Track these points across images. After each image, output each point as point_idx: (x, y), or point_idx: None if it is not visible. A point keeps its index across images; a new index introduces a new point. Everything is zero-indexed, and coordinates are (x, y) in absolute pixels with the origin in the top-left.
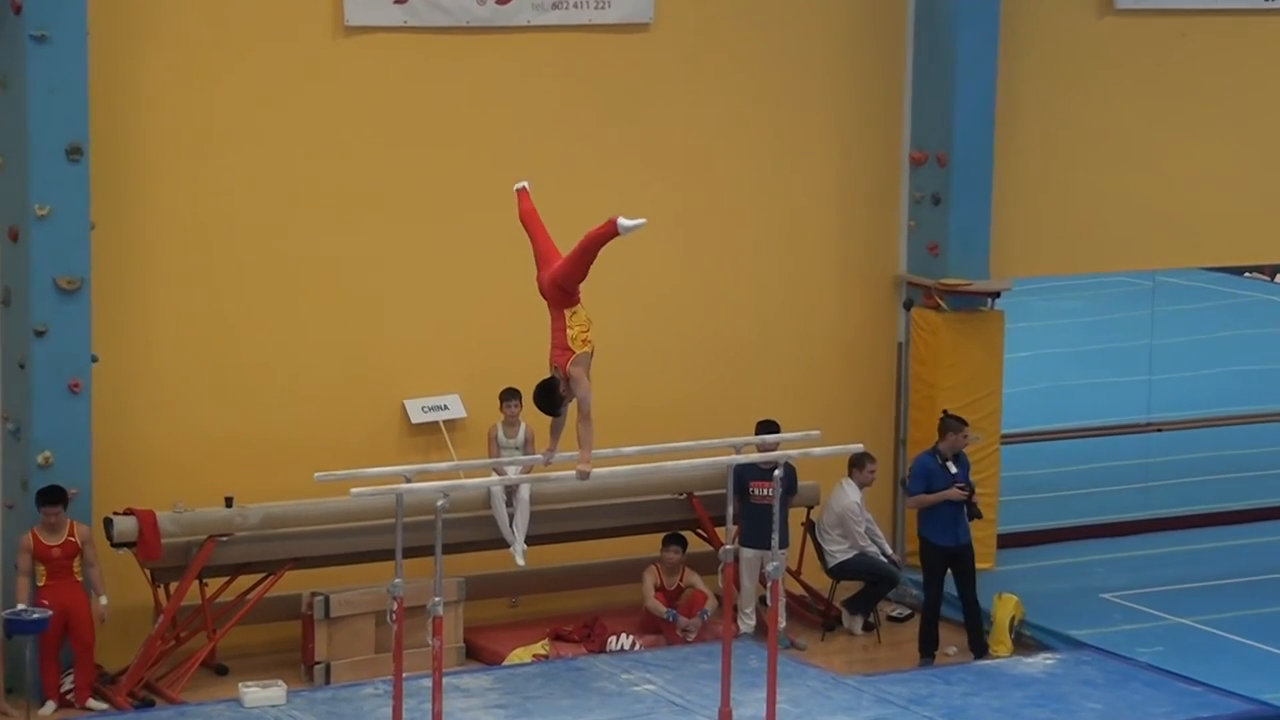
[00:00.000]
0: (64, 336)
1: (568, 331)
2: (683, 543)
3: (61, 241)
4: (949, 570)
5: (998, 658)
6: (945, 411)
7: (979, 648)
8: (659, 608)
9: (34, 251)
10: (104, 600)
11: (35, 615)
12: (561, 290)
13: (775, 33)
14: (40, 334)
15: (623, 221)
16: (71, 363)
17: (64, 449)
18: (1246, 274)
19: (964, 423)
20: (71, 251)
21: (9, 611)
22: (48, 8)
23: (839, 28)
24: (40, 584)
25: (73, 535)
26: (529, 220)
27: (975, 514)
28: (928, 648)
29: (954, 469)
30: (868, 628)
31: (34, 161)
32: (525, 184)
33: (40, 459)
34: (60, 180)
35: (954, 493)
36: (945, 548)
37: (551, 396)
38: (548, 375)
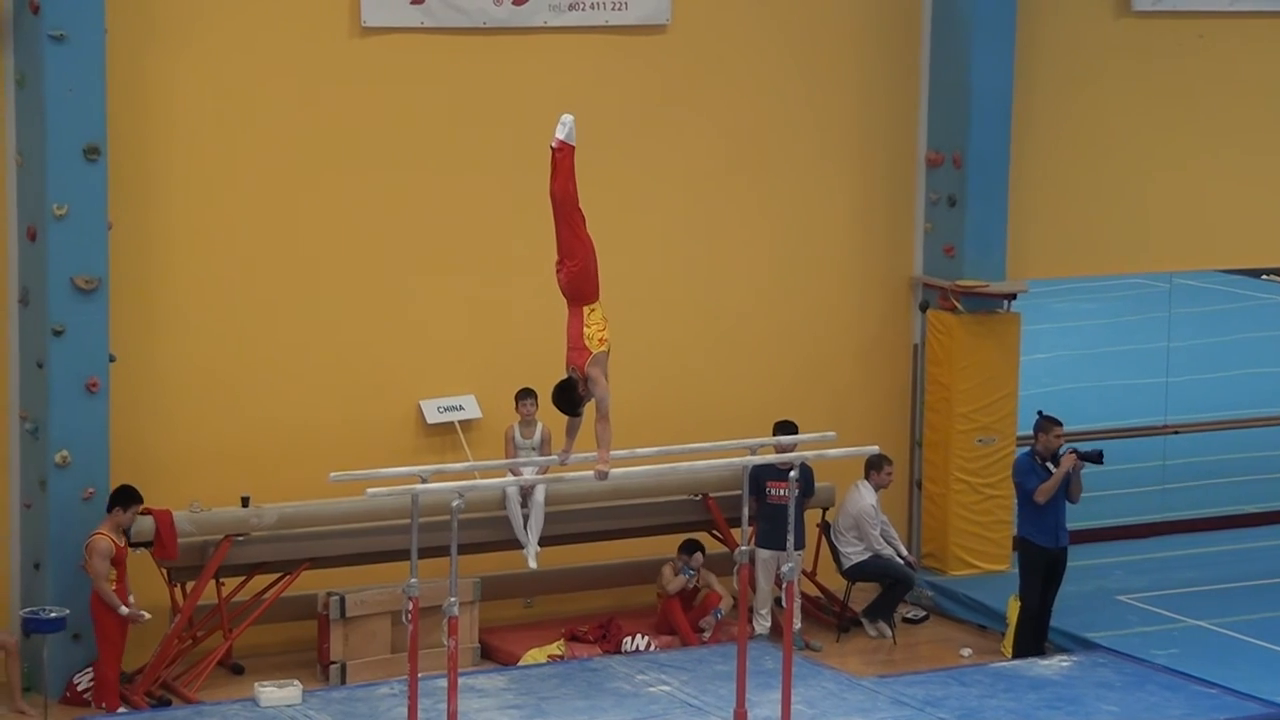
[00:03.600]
0: (82, 336)
1: (585, 330)
2: (700, 548)
3: (79, 241)
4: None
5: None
6: (1040, 412)
7: (1038, 651)
8: (673, 579)
9: (52, 251)
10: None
11: (53, 614)
12: (577, 277)
13: (792, 34)
14: (58, 333)
15: (557, 135)
16: (89, 362)
17: (82, 448)
18: (1264, 276)
19: (1057, 423)
20: (89, 251)
21: (26, 611)
22: (66, 8)
23: (855, 29)
24: (112, 587)
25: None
26: (562, 200)
27: (1096, 459)
28: (1030, 651)
29: (1053, 469)
30: (889, 631)
31: (52, 161)
32: (566, 132)
33: (58, 458)
34: (78, 180)
35: (1070, 459)
36: (1047, 549)
37: (570, 397)
38: (565, 376)
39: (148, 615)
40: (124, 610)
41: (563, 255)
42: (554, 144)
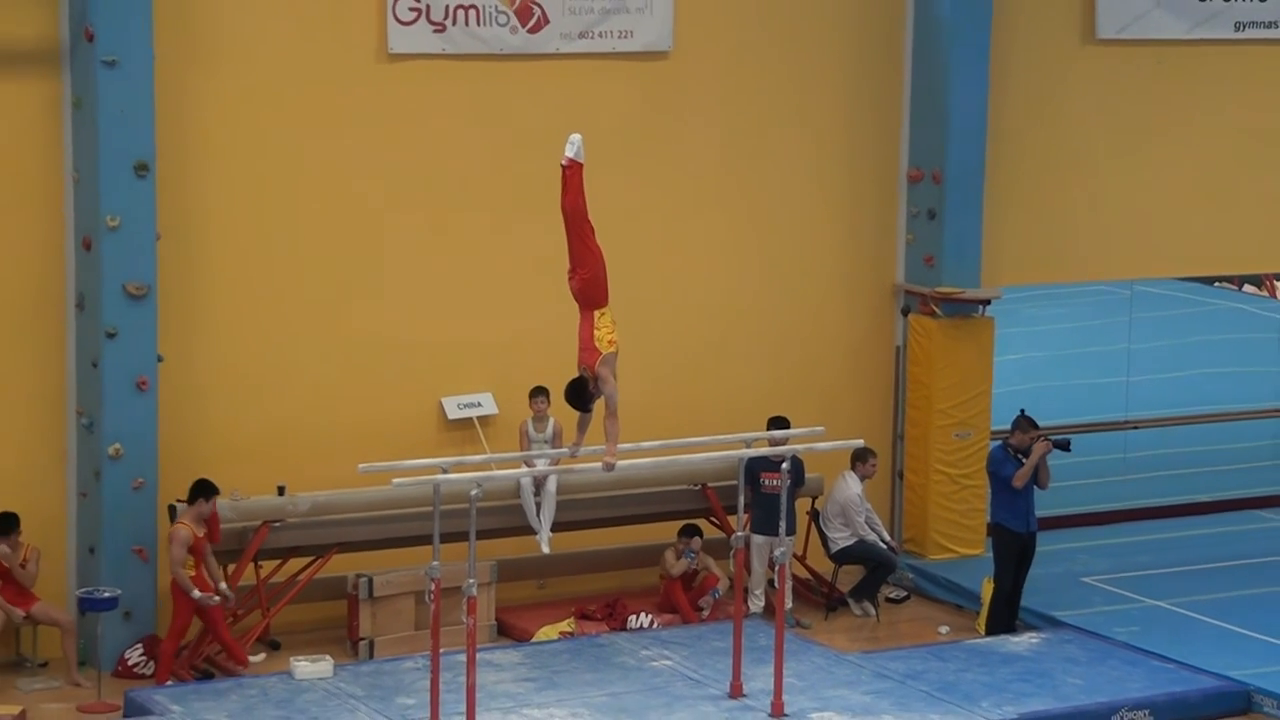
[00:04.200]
0: (132, 338)
1: (595, 332)
2: (698, 533)
3: (130, 251)
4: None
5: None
6: (1022, 411)
7: (1010, 629)
8: (675, 563)
9: (105, 260)
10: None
11: (106, 594)
12: (589, 284)
13: (784, 60)
14: (111, 336)
15: (567, 153)
16: (139, 362)
17: (133, 442)
18: (1216, 283)
19: (1035, 425)
20: (139, 260)
21: (82, 590)
22: (118, 35)
23: (843, 57)
24: (190, 575)
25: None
26: (572, 214)
27: (1065, 446)
28: (1002, 629)
29: (1024, 460)
30: (873, 611)
31: (104, 177)
32: (575, 151)
33: (111, 451)
34: (129, 194)
35: (1044, 445)
36: (1020, 534)
37: (581, 394)
38: (577, 375)
39: (217, 599)
40: (195, 594)
41: (574, 264)
42: (564, 161)
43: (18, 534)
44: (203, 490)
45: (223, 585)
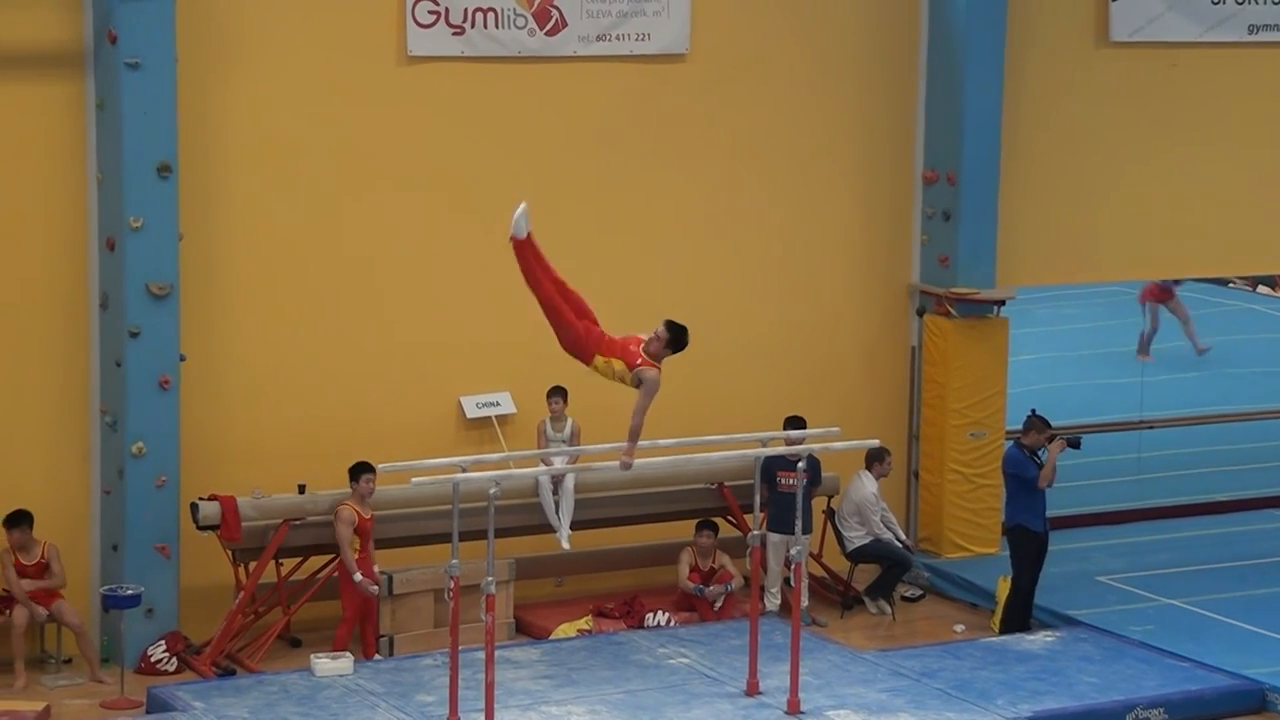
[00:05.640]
0: (155, 337)
1: (629, 347)
2: (714, 528)
3: (153, 251)
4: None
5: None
6: (1033, 411)
7: (1025, 627)
8: (689, 586)
9: (128, 260)
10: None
11: (129, 591)
12: (569, 345)
13: (800, 63)
14: (134, 335)
15: (511, 227)
16: (162, 361)
17: (155, 440)
18: (1230, 284)
19: (1048, 424)
20: (162, 260)
21: (106, 588)
22: (140, 37)
23: (858, 60)
24: (355, 555)
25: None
26: (535, 292)
27: (1076, 444)
28: (1017, 627)
29: (1039, 459)
30: (889, 609)
31: (128, 178)
32: (520, 229)
33: (134, 449)
34: (152, 195)
35: (1060, 444)
36: (1039, 534)
37: (681, 336)
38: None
39: (375, 588)
40: (356, 578)
41: (555, 331)
42: (510, 239)
43: (29, 529)
44: (355, 471)
45: (376, 570)
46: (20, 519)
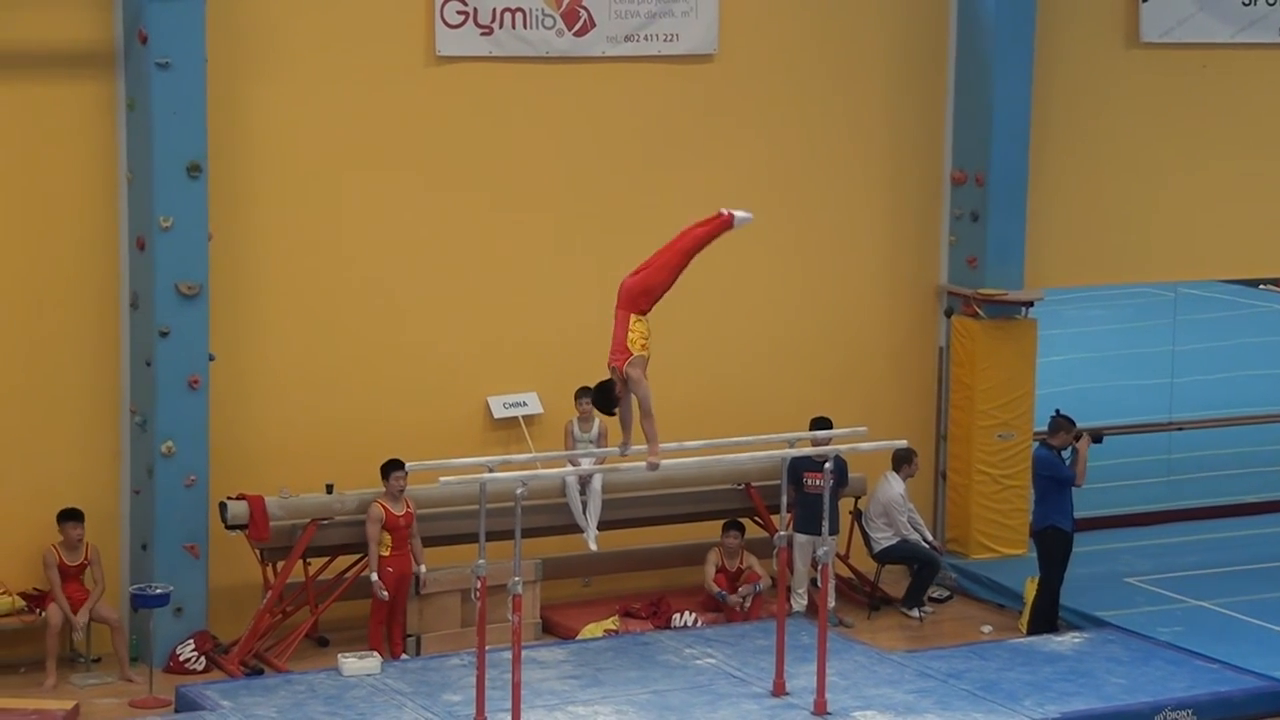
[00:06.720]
0: (185, 337)
1: (628, 334)
2: (741, 528)
3: (182, 251)
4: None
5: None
6: (1058, 410)
7: (1052, 628)
8: (714, 589)
9: (158, 260)
10: (424, 569)
11: (158, 590)
12: (645, 293)
13: (829, 64)
14: (164, 335)
15: (738, 214)
16: (191, 361)
17: (184, 439)
18: (1261, 286)
19: (1073, 423)
20: (191, 260)
21: (135, 587)
22: (170, 37)
23: (887, 60)
24: (384, 554)
25: (409, 506)
26: (692, 244)
27: (1099, 438)
28: (1045, 628)
29: (1066, 457)
30: (928, 613)
31: (158, 178)
32: (739, 222)
33: (164, 448)
34: (181, 195)
35: (1087, 440)
36: (1069, 534)
37: (608, 396)
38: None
39: (385, 594)
40: (372, 578)
41: (648, 265)
42: (726, 214)
43: (80, 526)
44: (384, 469)
45: (421, 567)
46: (73, 514)
